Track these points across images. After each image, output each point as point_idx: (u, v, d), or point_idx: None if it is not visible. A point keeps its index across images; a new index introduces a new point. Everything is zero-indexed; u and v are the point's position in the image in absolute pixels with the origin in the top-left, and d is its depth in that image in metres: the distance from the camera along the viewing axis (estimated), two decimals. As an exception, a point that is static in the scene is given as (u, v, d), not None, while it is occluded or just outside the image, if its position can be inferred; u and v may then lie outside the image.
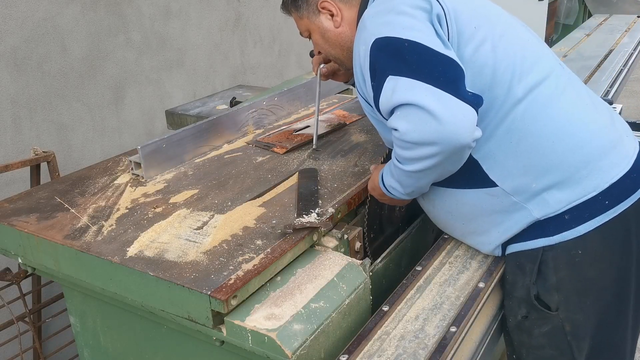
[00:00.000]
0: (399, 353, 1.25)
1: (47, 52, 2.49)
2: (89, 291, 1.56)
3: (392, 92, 1.30)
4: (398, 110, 1.30)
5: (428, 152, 1.30)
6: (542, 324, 1.49)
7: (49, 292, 2.39)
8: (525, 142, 1.41)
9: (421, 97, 1.25)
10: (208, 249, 1.38)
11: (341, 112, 2.34)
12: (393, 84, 1.30)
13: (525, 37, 1.51)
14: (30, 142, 2.47)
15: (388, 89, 1.31)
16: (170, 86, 3.15)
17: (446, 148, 1.28)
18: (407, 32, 1.33)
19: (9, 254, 1.64)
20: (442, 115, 1.24)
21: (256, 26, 3.70)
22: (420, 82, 1.27)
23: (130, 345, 1.63)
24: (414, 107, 1.26)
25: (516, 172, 1.42)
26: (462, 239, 1.64)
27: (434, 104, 1.24)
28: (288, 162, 1.86)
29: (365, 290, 1.41)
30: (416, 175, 1.39)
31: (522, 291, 1.50)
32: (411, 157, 1.33)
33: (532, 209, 1.43)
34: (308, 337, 1.21)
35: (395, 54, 1.33)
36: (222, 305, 1.19)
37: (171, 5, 3.07)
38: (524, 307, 1.50)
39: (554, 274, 1.45)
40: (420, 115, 1.26)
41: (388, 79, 1.32)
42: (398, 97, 1.29)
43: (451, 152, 1.29)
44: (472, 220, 1.53)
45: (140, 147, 1.76)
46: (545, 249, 1.44)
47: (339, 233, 1.50)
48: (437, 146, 1.27)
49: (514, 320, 1.54)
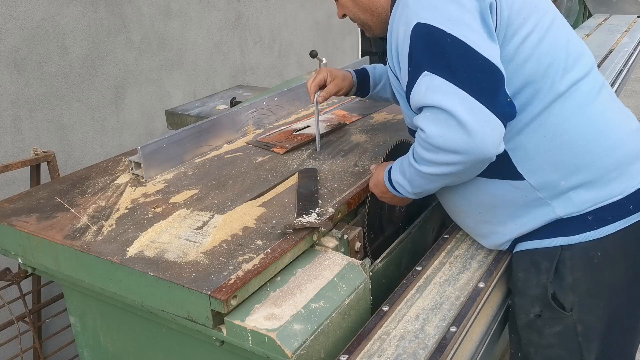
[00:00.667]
0: (399, 353, 1.25)
1: (47, 52, 2.49)
2: (89, 291, 1.56)
3: (426, 90, 1.28)
4: (428, 111, 1.29)
5: (450, 160, 1.29)
6: (554, 323, 1.48)
7: (49, 292, 2.39)
8: (559, 138, 1.39)
9: (454, 105, 1.24)
10: (208, 249, 1.38)
11: (341, 112, 2.34)
12: (428, 81, 1.28)
13: (569, 30, 1.49)
14: (30, 142, 2.47)
15: (422, 86, 1.29)
16: (170, 86, 3.15)
17: (469, 159, 1.27)
18: (452, 26, 1.28)
19: (9, 254, 1.64)
20: (471, 127, 1.23)
21: (256, 26, 3.70)
22: (455, 87, 1.25)
23: (130, 345, 1.63)
24: (445, 113, 1.25)
25: (546, 168, 1.40)
26: (473, 228, 1.61)
27: (465, 115, 1.23)
28: (288, 162, 1.86)
29: (365, 290, 1.40)
30: (430, 177, 1.38)
31: (538, 289, 1.48)
32: (431, 159, 1.33)
33: (556, 207, 1.42)
34: (308, 337, 1.21)
35: (436, 48, 1.29)
36: (222, 305, 1.19)
37: (171, 5, 3.07)
38: (538, 306, 1.49)
39: (571, 274, 1.44)
40: (449, 123, 1.25)
41: (424, 74, 1.29)
42: (431, 98, 1.27)
43: (473, 163, 1.29)
44: (490, 211, 1.51)
45: (140, 147, 1.76)
46: (563, 248, 1.43)
47: (339, 233, 1.50)
48: (461, 156, 1.27)
49: (526, 318, 1.52)
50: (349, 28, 4.81)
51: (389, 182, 1.53)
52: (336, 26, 4.63)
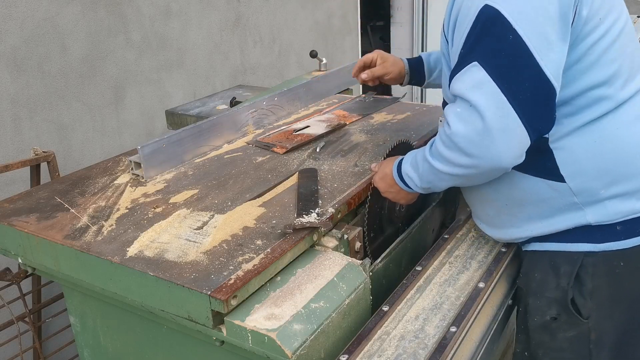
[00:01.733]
0: (399, 353, 1.25)
1: (47, 52, 2.49)
2: (89, 291, 1.56)
3: (470, 84, 1.25)
4: (461, 107, 1.26)
5: (464, 162, 1.28)
6: (569, 328, 1.47)
7: (49, 292, 2.38)
8: (610, 144, 1.35)
9: (488, 108, 1.21)
10: (208, 249, 1.38)
11: (341, 112, 2.34)
12: (475, 74, 1.24)
13: (635, 37, 1.44)
14: (30, 142, 2.46)
15: (467, 76, 1.26)
16: (170, 86, 3.15)
17: (485, 166, 1.27)
18: (522, 21, 1.21)
19: (9, 254, 1.64)
20: (494, 135, 1.22)
21: (256, 26, 3.70)
22: (498, 90, 1.22)
23: (130, 345, 1.63)
24: (477, 115, 1.23)
25: (589, 173, 1.37)
26: (491, 217, 1.57)
27: (495, 121, 1.21)
28: (288, 162, 1.86)
29: (365, 290, 1.40)
30: (442, 175, 1.37)
31: (557, 292, 1.46)
32: (448, 157, 1.31)
33: (588, 213, 1.39)
34: (308, 337, 1.21)
35: (494, 42, 1.24)
36: (222, 305, 1.19)
37: (171, 5, 3.07)
38: (555, 309, 1.47)
39: (591, 281, 1.42)
40: (476, 125, 1.23)
41: (473, 64, 1.25)
42: (470, 94, 1.24)
43: (485, 170, 1.29)
44: (518, 205, 1.47)
45: (140, 147, 1.76)
46: (586, 254, 1.41)
47: (339, 233, 1.50)
48: (475, 160, 1.26)
49: (540, 319, 1.51)
50: (349, 28, 4.81)
51: (397, 174, 1.51)
52: (336, 26, 4.63)
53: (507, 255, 1.63)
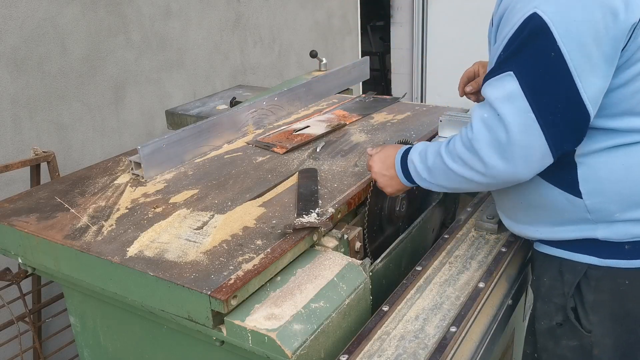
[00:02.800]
0: (399, 353, 1.25)
1: (47, 52, 2.49)
2: (89, 291, 1.56)
3: (501, 94, 1.22)
4: (489, 113, 1.24)
5: (482, 169, 1.27)
6: (572, 337, 1.46)
7: (49, 292, 2.38)
8: (636, 172, 1.31)
9: (515, 124, 1.19)
10: (208, 249, 1.38)
11: (341, 112, 2.34)
12: (507, 85, 1.21)
13: None
14: (30, 142, 2.46)
15: (500, 85, 1.23)
16: (170, 86, 3.14)
17: (500, 177, 1.26)
18: (568, 37, 1.16)
19: (9, 254, 1.64)
20: (518, 152, 1.21)
21: (256, 26, 3.70)
22: (528, 106, 1.19)
23: (130, 345, 1.63)
24: (502, 126, 1.21)
25: (608, 196, 1.33)
26: (510, 211, 1.55)
27: (520, 138, 1.20)
28: (288, 162, 1.86)
29: (365, 290, 1.40)
30: (451, 175, 1.35)
31: (561, 299, 1.46)
32: (465, 159, 1.30)
33: (599, 230, 1.37)
34: (308, 337, 1.21)
35: (535, 56, 1.20)
36: (222, 305, 1.19)
37: (171, 5, 3.07)
38: (561, 315, 1.47)
39: (593, 294, 1.41)
40: (500, 137, 1.21)
41: (509, 73, 1.22)
42: (500, 105, 1.22)
43: (501, 182, 1.29)
44: (533, 207, 1.45)
45: (140, 147, 1.76)
46: (590, 266, 1.40)
47: (339, 233, 1.50)
48: (494, 170, 1.25)
49: (547, 324, 1.50)
50: (349, 28, 4.81)
51: (400, 161, 1.48)
52: (336, 26, 4.63)
53: (507, 255, 1.63)
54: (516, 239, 1.69)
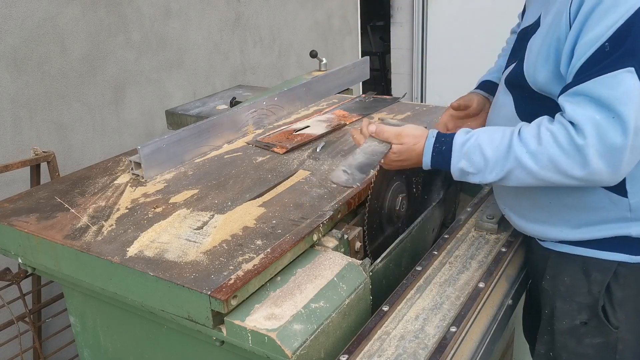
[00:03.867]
0: (399, 353, 1.25)
1: (47, 52, 2.49)
2: (89, 291, 1.56)
3: (621, 92, 1.11)
4: (602, 114, 1.13)
5: (579, 175, 1.18)
6: (597, 334, 1.45)
7: (49, 292, 2.38)
8: None
9: (636, 127, 1.11)
10: (208, 249, 1.38)
11: (341, 112, 2.34)
12: (628, 83, 1.11)
13: None
14: (30, 142, 2.46)
15: (618, 83, 1.12)
16: (170, 86, 3.14)
17: (594, 181, 1.19)
18: None
19: (9, 254, 1.64)
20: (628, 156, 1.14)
21: (256, 26, 3.70)
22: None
23: (130, 345, 1.63)
24: (621, 129, 1.11)
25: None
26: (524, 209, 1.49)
27: (636, 142, 1.12)
28: (288, 162, 1.86)
29: (365, 290, 1.40)
30: (526, 176, 1.24)
31: (588, 298, 1.43)
32: (559, 163, 1.18)
33: (633, 227, 1.35)
34: (308, 337, 1.21)
35: None
36: (222, 305, 1.19)
37: (171, 5, 3.07)
38: (586, 314, 1.45)
39: (621, 290, 1.40)
40: (616, 141, 1.12)
41: (628, 70, 1.11)
42: (620, 106, 1.11)
43: (587, 185, 1.21)
44: (562, 207, 1.39)
45: (140, 147, 1.76)
46: (620, 264, 1.38)
47: (339, 233, 1.50)
48: (594, 176, 1.17)
49: (569, 323, 1.48)
50: (349, 28, 4.81)
51: (435, 141, 1.35)
52: (336, 26, 4.63)
53: (507, 255, 1.63)
54: (516, 238, 1.69)
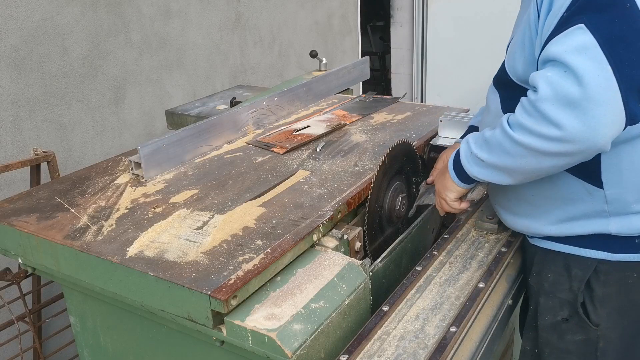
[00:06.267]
0: (399, 353, 1.25)
1: (47, 52, 2.49)
2: (89, 291, 1.56)
3: (571, 46, 1.10)
4: (554, 70, 1.12)
5: (550, 134, 1.13)
6: (578, 331, 1.46)
7: (49, 292, 2.38)
8: None
9: (590, 76, 1.07)
10: (208, 249, 1.38)
11: (341, 112, 2.34)
12: (578, 38, 1.10)
13: None
14: (30, 142, 2.46)
15: (569, 39, 1.11)
16: (170, 86, 3.14)
17: (576, 140, 1.11)
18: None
19: (9, 254, 1.64)
20: (593, 109, 1.08)
21: (256, 26, 3.70)
22: (604, 58, 1.08)
23: (130, 345, 1.63)
24: (575, 80, 1.08)
25: (628, 186, 1.31)
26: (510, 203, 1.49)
27: (595, 91, 1.07)
28: (288, 162, 1.86)
29: (365, 290, 1.40)
30: (519, 150, 1.21)
31: (569, 294, 1.44)
32: (528, 126, 1.16)
33: (612, 223, 1.35)
34: (308, 337, 1.21)
35: (608, 7, 1.11)
36: (222, 305, 1.19)
37: (171, 5, 3.07)
38: (567, 310, 1.45)
39: (601, 288, 1.40)
40: (571, 91, 1.08)
41: (579, 26, 1.11)
42: (570, 57, 1.09)
43: (573, 149, 1.13)
44: (544, 199, 1.39)
45: (140, 147, 1.76)
46: (600, 261, 1.38)
47: (339, 233, 1.50)
48: (566, 133, 1.11)
49: (551, 319, 1.49)
50: (349, 28, 4.81)
51: (453, 160, 1.39)
52: (336, 26, 4.63)
53: (507, 255, 1.63)
54: (516, 239, 1.69)
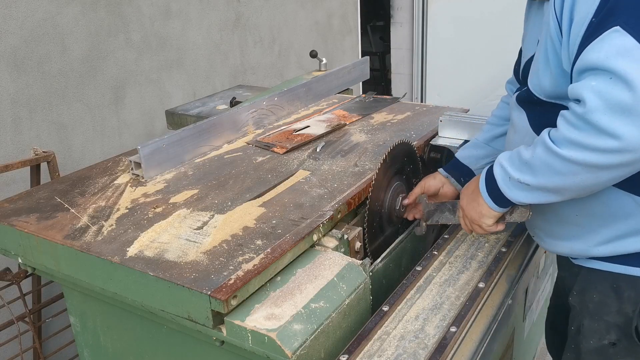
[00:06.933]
0: (399, 353, 1.25)
1: (47, 52, 2.49)
2: (89, 291, 1.56)
3: (612, 51, 1.03)
4: (598, 79, 1.05)
5: (606, 146, 1.04)
6: (627, 355, 1.38)
7: (49, 292, 2.38)
8: None
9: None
10: (208, 249, 1.38)
11: (341, 112, 2.34)
12: (617, 41, 1.03)
13: None
14: (30, 142, 2.46)
15: (607, 44, 1.04)
16: (170, 86, 3.14)
17: (631, 151, 1.04)
18: None
19: (9, 254, 1.64)
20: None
21: (256, 26, 3.70)
22: None
23: (130, 345, 1.63)
24: (625, 87, 1.01)
25: None
26: (552, 225, 1.40)
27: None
28: (288, 162, 1.86)
29: (365, 290, 1.40)
30: (570, 167, 1.11)
31: (618, 317, 1.35)
32: (581, 141, 1.07)
33: None
34: (308, 337, 1.21)
35: (638, 5, 1.04)
36: (222, 305, 1.19)
37: (171, 5, 3.07)
38: (615, 333, 1.36)
39: None
40: (624, 98, 1.01)
41: (614, 29, 1.04)
42: (614, 63, 1.02)
43: (631, 158, 1.05)
44: (590, 217, 1.30)
45: (140, 147, 1.76)
46: None
47: (339, 233, 1.50)
48: (626, 142, 1.03)
49: (597, 343, 1.40)
50: (349, 28, 4.81)
51: (486, 174, 1.30)
52: (336, 26, 4.63)
53: (507, 255, 1.63)
54: (516, 239, 1.69)
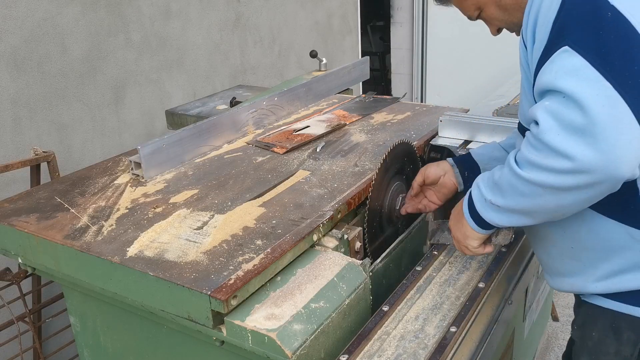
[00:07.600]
0: (399, 353, 1.25)
1: (47, 52, 2.49)
2: (89, 291, 1.56)
3: (559, 70, 1.02)
4: (551, 99, 1.02)
5: (561, 166, 1.01)
6: None
7: (49, 292, 2.38)
8: None
9: (589, 96, 0.97)
10: (208, 249, 1.38)
11: (341, 112, 2.34)
12: (565, 60, 1.01)
13: None
14: (30, 142, 2.46)
15: (556, 64, 1.03)
16: (170, 86, 3.14)
17: (588, 172, 0.99)
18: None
19: (9, 254, 1.64)
20: (603, 131, 0.96)
21: (256, 26, 3.70)
22: (599, 76, 0.98)
23: (130, 345, 1.63)
24: (574, 105, 0.98)
25: None
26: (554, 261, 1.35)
27: (600, 113, 0.96)
28: (288, 162, 1.86)
29: (365, 290, 1.40)
30: (531, 188, 1.08)
31: (614, 358, 1.29)
32: (537, 162, 1.05)
33: None
34: (308, 337, 1.21)
35: (589, 20, 1.01)
36: (222, 305, 1.19)
37: (171, 5, 3.07)
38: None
39: None
40: (575, 119, 0.98)
41: (563, 49, 1.02)
42: (562, 83, 1.00)
43: (590, 180, 1.00)
44: (588, 252, 1.24)
45: (140, 147, 1.76)
46: None
47: (339, 233, 1.50)
48: (576, 165, 1.00)
49: None
50: (349, 28, 4.81)
51: (467, 204, 1.29)
52: (336, 26, 4.63)
53: (507, 255, 1.63)
54: (516, 239, 1.69)
